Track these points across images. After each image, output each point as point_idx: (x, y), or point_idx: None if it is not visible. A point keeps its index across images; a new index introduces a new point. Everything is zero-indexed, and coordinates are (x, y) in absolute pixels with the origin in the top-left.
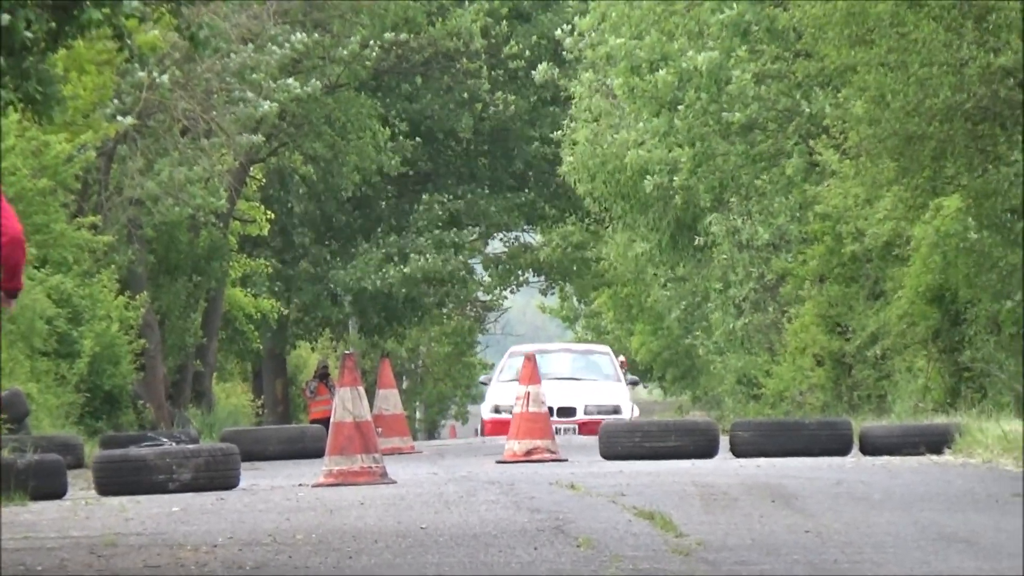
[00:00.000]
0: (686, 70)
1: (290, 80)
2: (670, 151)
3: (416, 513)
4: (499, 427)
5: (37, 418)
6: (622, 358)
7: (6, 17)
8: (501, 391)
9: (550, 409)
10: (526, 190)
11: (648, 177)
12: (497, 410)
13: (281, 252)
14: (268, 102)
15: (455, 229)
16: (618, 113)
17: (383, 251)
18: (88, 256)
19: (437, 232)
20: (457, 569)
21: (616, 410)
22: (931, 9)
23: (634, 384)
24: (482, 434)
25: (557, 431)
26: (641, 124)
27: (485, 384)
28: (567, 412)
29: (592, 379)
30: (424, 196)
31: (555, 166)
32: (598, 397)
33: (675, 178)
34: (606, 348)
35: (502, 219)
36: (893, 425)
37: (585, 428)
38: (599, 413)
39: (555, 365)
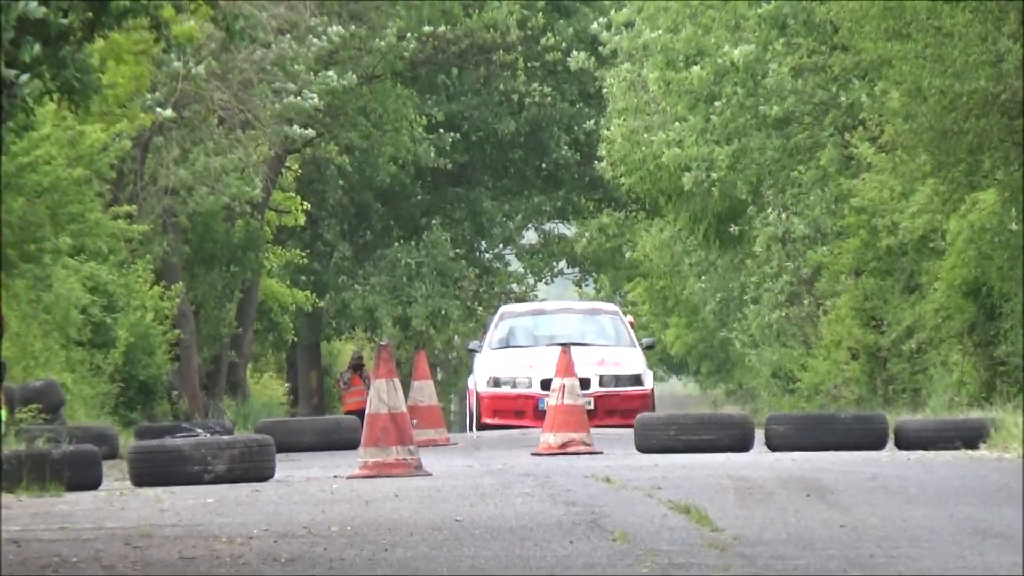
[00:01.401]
0: (722, 65)
1: (329, 72)
2: (708, 147)
3: (451, 505)
4: (499, 404)
5: (72, 408)
6: (630, 318)
7: (41, 9)
8: (496, 360)
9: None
10: (560, 186)
11: (686, 173)
12: (496, 383)
13: (313, 244)
14: (314, 95)
15: (482, 232)
16: (654, 108)
17: (402, 268)
18: (123, 246)
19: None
20: (492, 562)
21: (637, 380)
22: (968, 3)
23: (649, 348)
24: (477, 412)
25: None
26: (677, 123)
27: (475, 351)
28: (580, 384)
29: (602, 344)
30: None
31: (591, 158)
32: (614, 365)
33: (713, 173)
34: (613, 307)
35: (536, 212)
36: (928, 419)
37: (602, 403)
38: (617, 385)
39: (557, 327)
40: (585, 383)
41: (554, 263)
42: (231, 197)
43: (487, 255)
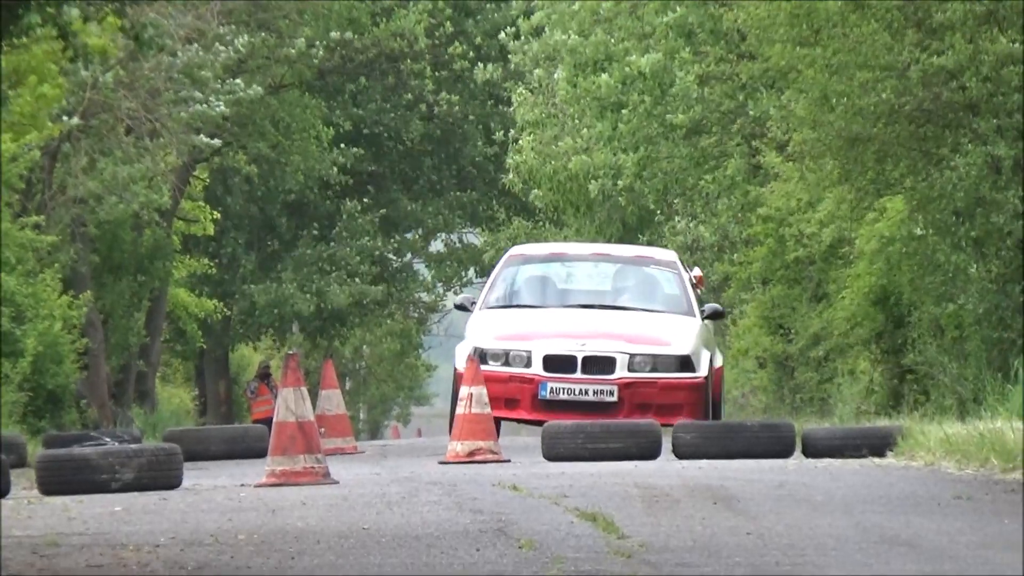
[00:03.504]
0: (629, 73)
1: (237, 81)
2: (615, 155)
3: (358, 514)
4: (490, 386)
5: None
6: (696, 271)
7: None
8: (488, 324)
9: (572, 360)
10: (470, 191)
11: (593, 181)
12: (483, 358)
13: (220, 253)
14: (221, 103)
15: (393, 235)
16: (561, 116)
17: (313, 264)
18: (32, 255)
19: (367, 241)
20: (399, 570)
21: (685, 364)
22: (875, 11)
23: (715, 316)
24: (453, 399)
25: (584, 395)
26: (585, 129)
27: (464, 309)
28: (601, 365)
29: (644, 308)
30: (347, 203)
31: (500, 167)
32: (652, 342)
33: (619, 181)
34: (671, 255)
35: (445, 220)
36: (835, 428)
37: (630, 394)
38: (654, 369)
39: (583, 281)
40: (607, 364)
41: (463, 271)
42: (139, 206)
43: (395, 262)
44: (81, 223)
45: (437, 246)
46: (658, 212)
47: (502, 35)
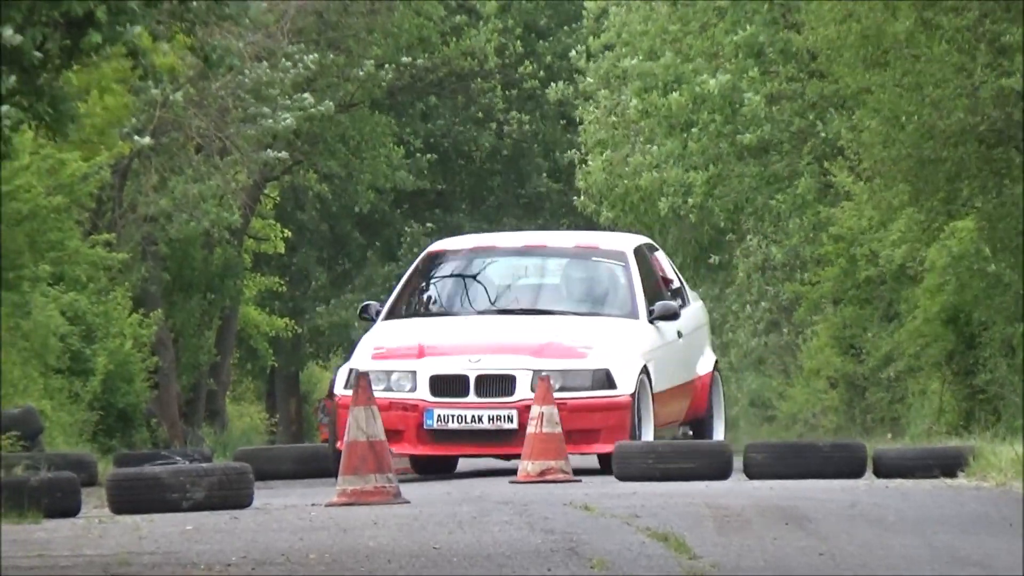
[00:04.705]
0: (699, 93)
1: (306, 95)
2: (685, 171)
3: (429, 533)
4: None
5: (51, 435)
6: (660, 256)
7: (17, 37)
8: (376, 341)
9: (463, 380)
10: (539, 215)
11: (663, 199)
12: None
13: (291, 271)
14: (288, 116)
15: None
16: (630, 135)
17: (381, 284)
18: (102, 274)
19: None
20: None
21: (605, 380)
22: (945, 32)
23: (668, 317)
24: (332, 431)
25: (478, 422)
26: (655, 146)
27: (367, 318)
28: (497, 385)
29: (570, 311)
30: (413, 225)
31: (570, 186)
32: (565, 351)
33: (689, 199)
34: (623, 242)
35: None
36: (907, 448)
37: (530, 417)
38: (564, 388)
39: (510, 280)
40: (505, 384)
41: None
42: (210, 224)
43: None
44: (152, 241)
45: None
46: (730, 231)
47: (572, 54)
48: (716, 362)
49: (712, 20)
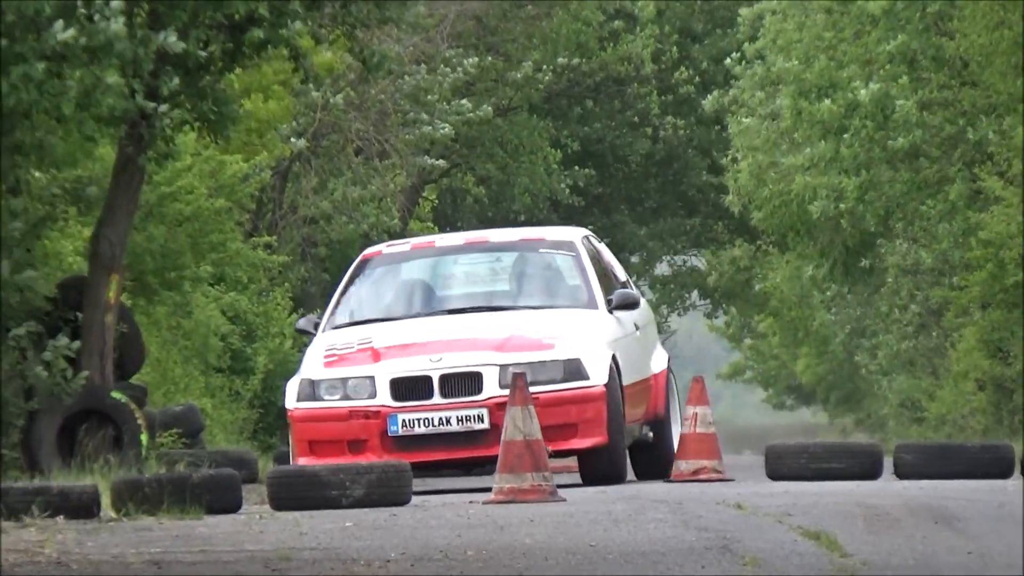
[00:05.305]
0: (852, 99)
1: (464, 101)
2: (838, 174)
3: (585, 531)
4: (318, 430)
5: (211, 433)
6: (606, 252)
7: (180, 44)
8: (326, 349)
9: (426, 381)
10: (695, 214)
11: (815, 203)
12: (313, 391)
13: None
14: (446, 124)
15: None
16: (786, 143)
17: None
18: (263, 274)
19: None
20: None
21: (574, 370)
22: None
23: (628, 305)
24: (291, 445)
25: (446, 424)
26: (809, 149)
27: (306, 334)
28: (463, 384)
29: (527, 304)
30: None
31: (724, 190)
32: (530, 343)
33: (841, 204)
34: (570, 233)
35: (667, 245)
36: None
37: (503, 415)
38: (534, 382)
39: (458, 279)
40: (471, 382)
41: (685, 294)
42: (369, 227)
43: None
44: (311, 243)
45: (662, 268)
46: (880, 235)
47: (728, 60)
48: (669, 359)
49: (866, 27)
